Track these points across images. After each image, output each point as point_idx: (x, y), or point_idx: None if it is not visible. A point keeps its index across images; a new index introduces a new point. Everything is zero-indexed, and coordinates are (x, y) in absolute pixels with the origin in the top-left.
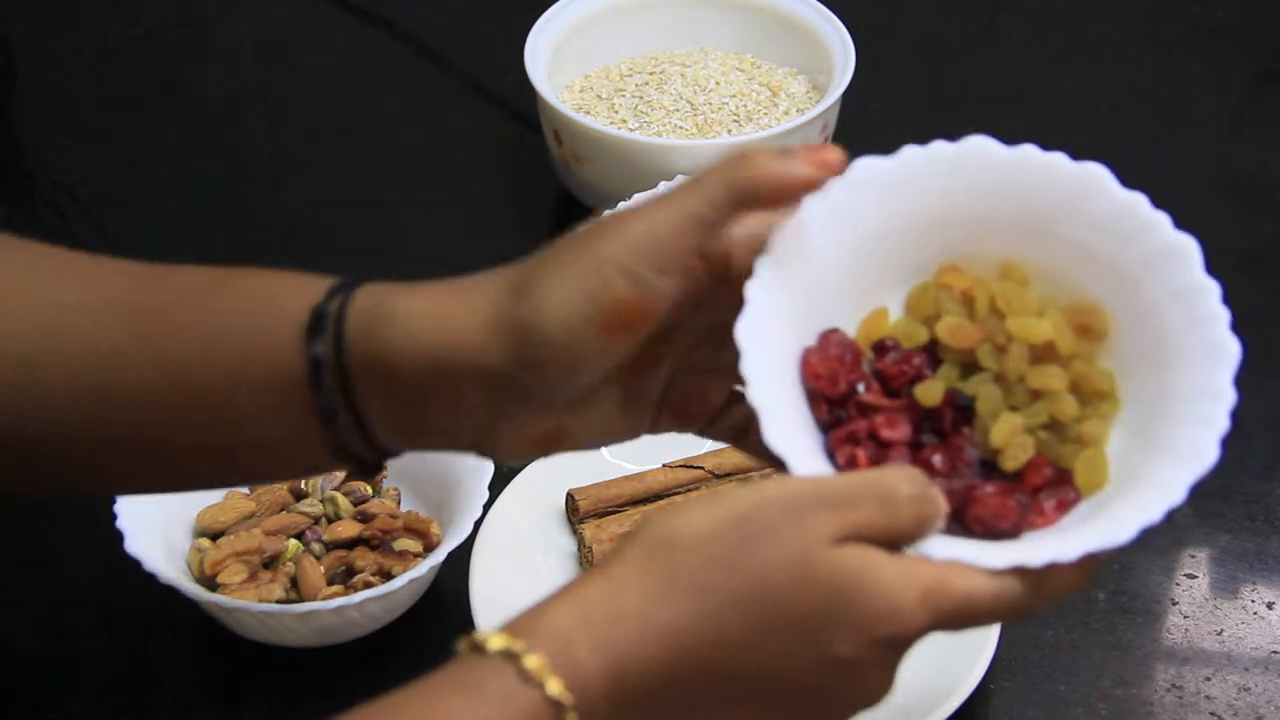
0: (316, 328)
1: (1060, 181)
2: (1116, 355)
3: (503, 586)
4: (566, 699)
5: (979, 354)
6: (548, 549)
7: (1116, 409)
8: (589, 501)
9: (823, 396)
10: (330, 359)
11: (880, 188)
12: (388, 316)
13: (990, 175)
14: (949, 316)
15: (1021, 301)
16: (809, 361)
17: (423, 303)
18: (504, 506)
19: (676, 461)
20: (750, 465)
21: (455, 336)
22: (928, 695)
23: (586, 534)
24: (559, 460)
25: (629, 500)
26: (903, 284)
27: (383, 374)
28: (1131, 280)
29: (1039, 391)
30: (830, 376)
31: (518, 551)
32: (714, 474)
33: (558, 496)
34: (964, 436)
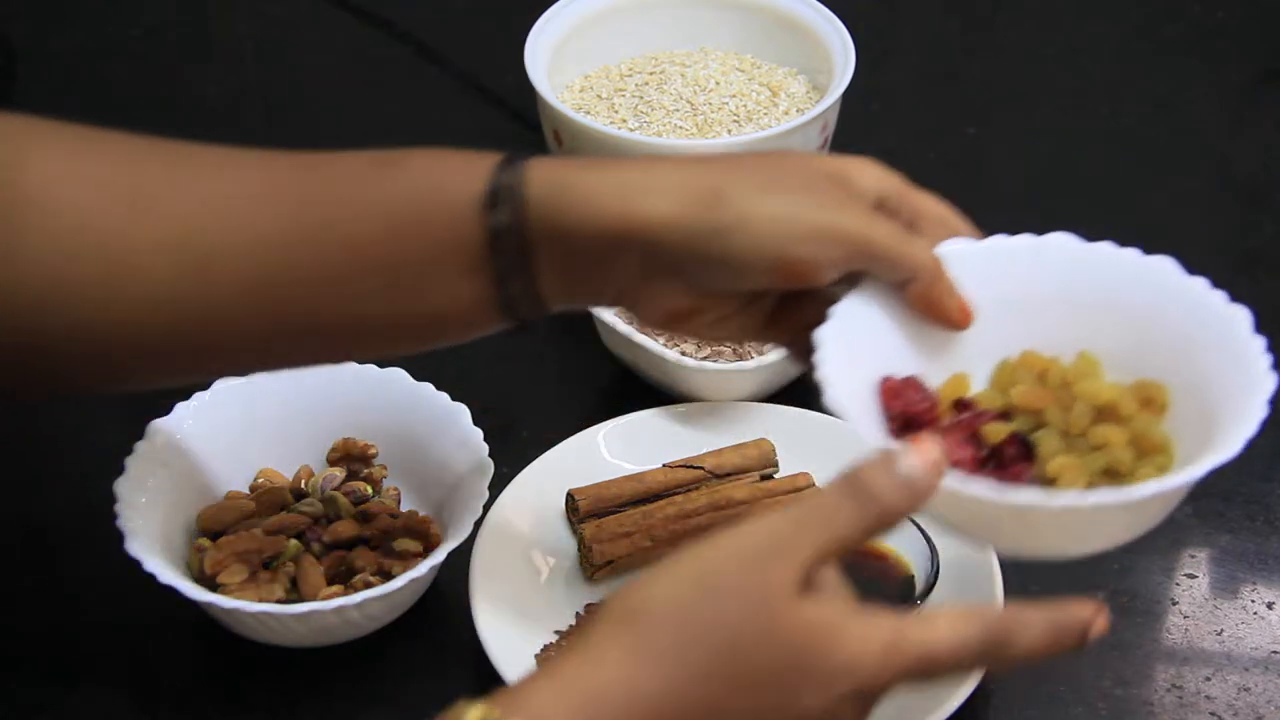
0: (495, 200)
1: (1130, 272)
2: (1172, 420)
3: (503, 587)
4: None
5: (1047, 414)
6: (548, 549)
7: (1171, 463)
8: (589, 501)
9: (897, 414)
10: (510, 227)
11: (969, 268)
12: (569, 187)
13: (1069, 266)
14: (1023, 384)
15: (1091, 373)
16: (889, 383)
17: (607, 175)
18: (504, 507)
19: (676, 462)
20: (750, 465)
21: (637, 215)
22: (927, 695)
23: (586, 533)
24: (558, 460)
25: (629, 500)
26: (982, 357)
27: (559, 241)
28: (1189, 356)
29: (1099, 445)
30: (906, 398)
31: (518, 552)
32: (713, 474)
33: (558, 496)
34: (1022, 468)
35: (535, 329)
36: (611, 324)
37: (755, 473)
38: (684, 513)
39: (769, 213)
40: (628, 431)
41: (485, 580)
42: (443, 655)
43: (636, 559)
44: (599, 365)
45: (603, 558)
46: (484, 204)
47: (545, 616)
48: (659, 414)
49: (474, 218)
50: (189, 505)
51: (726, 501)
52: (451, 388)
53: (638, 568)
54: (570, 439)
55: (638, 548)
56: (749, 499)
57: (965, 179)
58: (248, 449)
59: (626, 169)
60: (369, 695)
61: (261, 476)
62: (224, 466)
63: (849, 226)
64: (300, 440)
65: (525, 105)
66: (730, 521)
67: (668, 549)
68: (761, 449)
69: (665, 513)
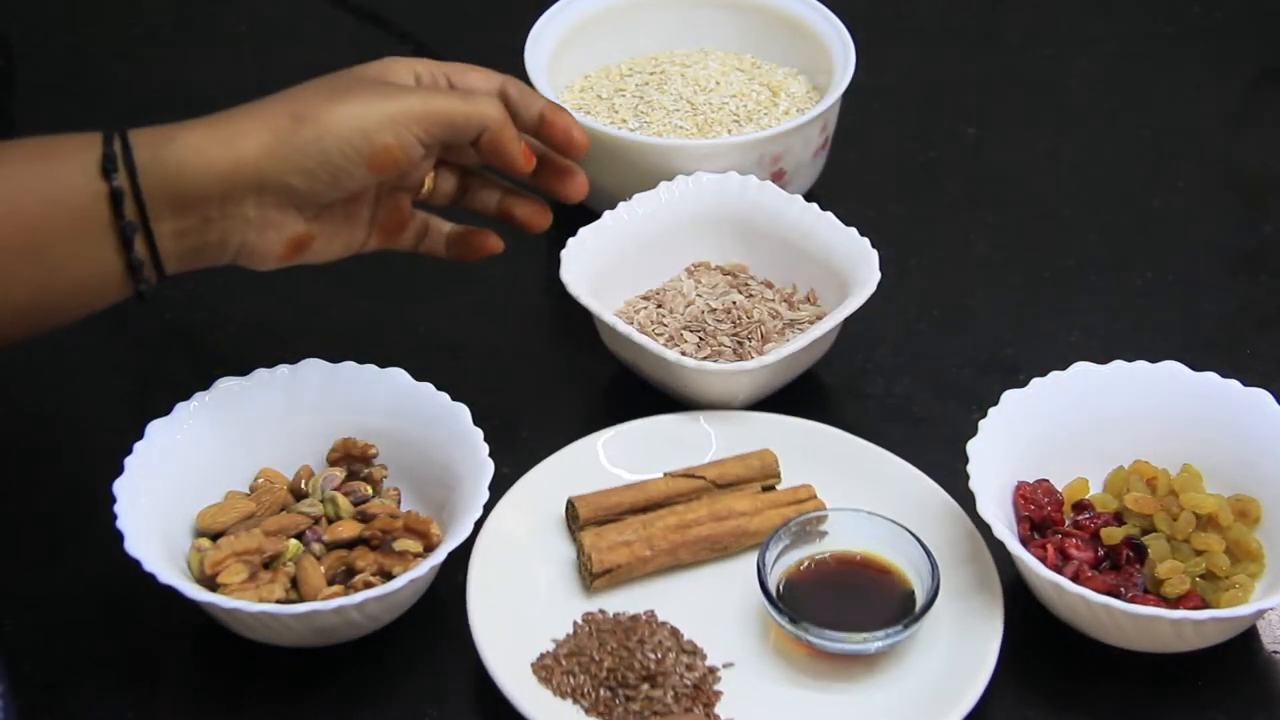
0: (110, 166)
1: (1230, 401)
2: (1264, 531)
3: (501, 594)
4: None
5: (1155, 519)
6: (547, 557)
7: (1262, 571)
8: (589, 509)
9: (1027, 517)
10: (127, 188)
11: (1092, 385)
12: (171, 142)
13: (1178, 389)
14: (1135, 492)
15: (1194, 485)
16: (1022, 488)
17: (204, 130)
18: (502, 514)
19: (678, 471)
20: (752, 476)
21: (238, 153)
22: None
23: (586, 541)
24: (559, 468)
25: (629, 509)
26: (1100, 463)
27: (175, 195)
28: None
29: (1200, 550)
30: (1038, 504)
31: (516, 559)
32: (715, 484)
33: (557, 504)
34: (1135, 569)
35: (158, 299)
36: (612, 324)
37: (757, 483)
38: (684, 522)
39: (346, 115)
40: (628, 439)
41: (482, 588)
42: (442, 655)
43: (635, 568)
44: (599, 366)
45: (601, 566)
46: (99, 171)
47: (542, 624)
48: (660, 422)
49: (92, 186)
50: (189, 505)
51: (727, 512)
52: (451, 388)
53: (636, 577)
54: (570, 446)
55: (637, 556)
56: (750, 510)
57: (965, 179)
58: (248, 449)
59: (220, 122)
60: (369, 695)
61: (261, 476)
62: (224, 466)
63: (414, 105)
64: (300, 440)
65: None
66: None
67: (667, 559)
68: (764, 460)
69: (665, 522)
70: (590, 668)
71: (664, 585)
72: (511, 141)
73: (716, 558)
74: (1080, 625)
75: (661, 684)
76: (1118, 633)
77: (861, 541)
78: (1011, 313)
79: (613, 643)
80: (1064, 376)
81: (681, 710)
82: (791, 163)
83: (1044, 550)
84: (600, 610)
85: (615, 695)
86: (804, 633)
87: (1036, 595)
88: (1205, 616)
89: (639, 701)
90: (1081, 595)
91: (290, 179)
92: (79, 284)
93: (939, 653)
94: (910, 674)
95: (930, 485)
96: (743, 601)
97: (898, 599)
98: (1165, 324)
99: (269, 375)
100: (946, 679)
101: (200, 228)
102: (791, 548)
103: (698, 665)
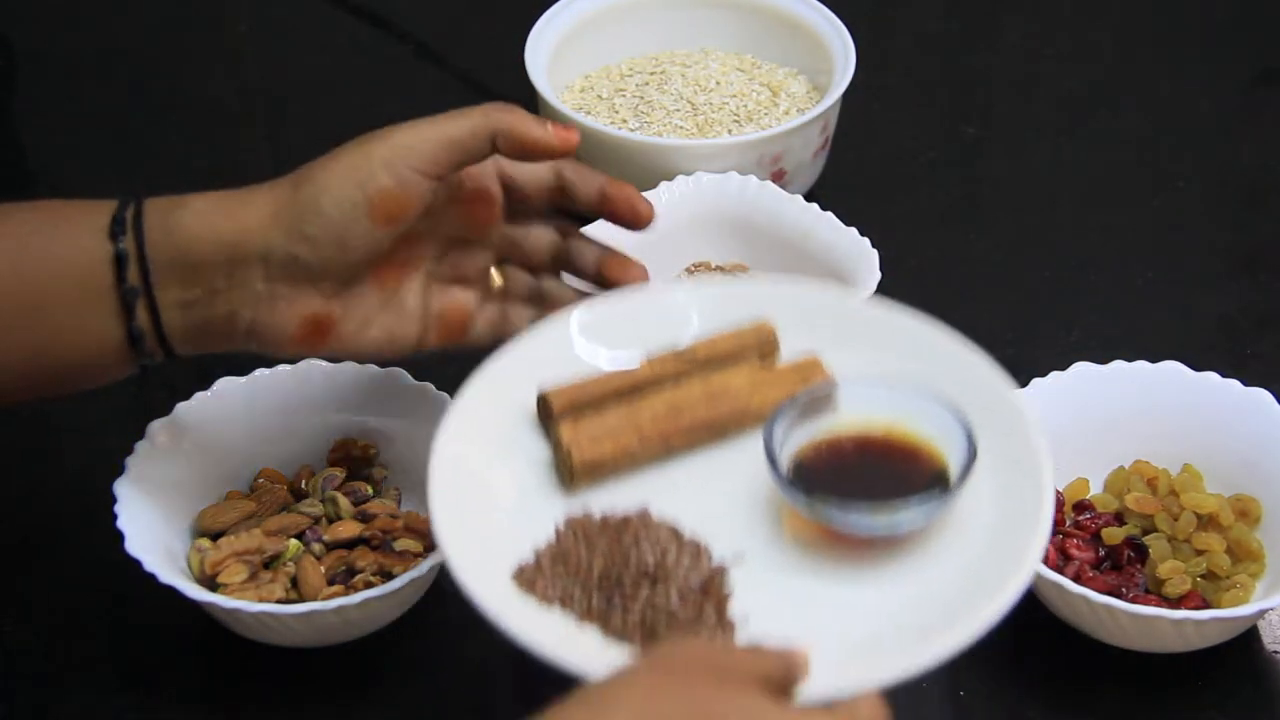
0: (118, 229)
1: (1230, 401)
2: (1264, 531)
3: (470, 508)
4: None
5: (1156, 520)
6: (517, 462)
7: (1263, 571)
8: (564, 402)
9: None
10: (132, 251)
11: (1093, 386)
12: (182, 209)
13: (1177, 391)
14: (1136, 492)
15: (1195, 485)
16: None
17: (213, 199)
18: (462, 417)
19: (664, 354)
20: (747, 350)
21: (243, 221)
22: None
23: (564, 434)
24: (522, 359)
25: (610, 396)
26: (1100, 464)
27: (178, 259)
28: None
29: (1201, 550)
30: None
31: (482, 467)
32: (708, 360)
33: (525, 400)
34: (1136, 569)
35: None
36: None
37: (754, 358)
38: (675, 406)
39: (340, 168)
40: (606, 320)
41: (447, 504)
42: (442, 655)
43: (622, 461)
44: None
45: (583, 461)
46: (107, 234)
47: (520, 535)
48: (641, 297)
49: (99, 249)
50: (189, 505)
51: (724, 390)
52: (452, 388)
53: (625, 472)
54: (535, 332)
55: (623, 448)
56: (749, 387)
57: (965, 179)
58: (248, 449)
59: (230, 192)
60: (369, 695)
61: (261, 476)
62: (224, 466)
63: (405, 139)
64: (300, 440)
65: (526, 105)
66: (729, 414)
67: (658, 448)
68: (760, 333)
69: (653, 407)
70: (579, 572)
71: (656, 479)
72: (533, 127)
73: (714, 444)
74: (1081, 625)
75: (663, 585)
76: (1119, 633)
77: (882, 415)
78: (1011, 313)
79: (603, 544)
80: (1064, 376)
81: (691, 614)
82: (791, 163)
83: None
84: (585, 512)
85: (610, 601)
86: (824, 513)
87: (1037, 595)
88: (1207, 616)
89: (639, 606)
90: (1083, 595)
91: (294, 247)
92: (79, 350)
93: (977, 537)
94: (945, 560)
95: (960, 348)
96: (748, 490)
97: (928, 477)
98: (1165, 324)
99: (269, 375)
100: (987, 565)
101: (207, 299)
102: (800, 426)
103: (703, 562)
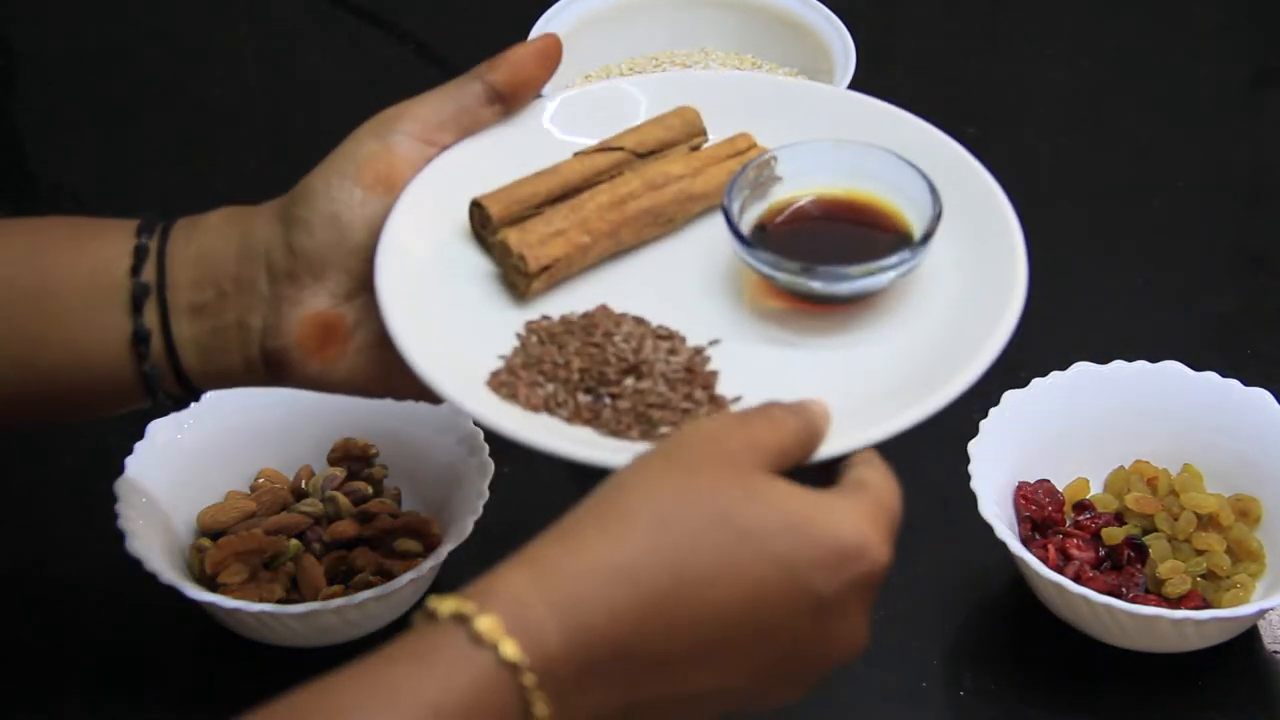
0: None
1: (1230, 401)
2: (1265, 531)
3: (426, 325)
4: (522, 660)
5: (1156, 520)
6: (460, 280)
7: (1263, 570)
8: (500, 206)
9: (1028, 518)
10: (153, 249)
11: (1092, 385)
12: (203, 219)
13: (1177, 391)
14: (1136, 492)
15: (1195, 485)
16: (1023, 488)
17: (229, 211)
18: (396, 232)
19: (589, 148)
20: (675, 138)
21: (249, 223)
22: (962, 335)
23: (511, 240)
24: (445, 173)
25: (546, 198)
26: (1100, 464)
27: (191, 259)
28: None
29: (1201, 550)
30: (1039, 504)
31: (427, 285)
32: (635, 153)
33: (456, 213)
34: (1136, 568)
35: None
36: None
37: (683, 145)
38: (618, 198)
39: (331, 155)
40: (523, 125)
41: (405, 326)
42: None
43: (575, 259)
44: None
45: (537, 263)
46: (134, 232)
47: (482, 348)
48: (555, 101)
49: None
50: (189, 505)
51: (664, 178)
52: None
53: (578, 269)
54: (453, 148)
55: (575, 245)
56: (689, 171)
57: None
58: (248, 449)
59: (242, 208)
60: None
61: (261, 476)
62: (224, 466)
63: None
64: (300, 440)
65: None
66: (674, 200)
67: (608, 243)
68: (684, 116)
69: (597, 201)
70: (558, 373)
71: (608, 275)
72: (524, 48)
73: (662, 233)
74: (1081, 625)
75: (647, 373)
76: (1119, 633)
77: (832, 178)
78: None
79: (574, 344)
80: (1064, 376)
81: (681, 397)
82: None
83: (1045, 550)
84: (544, 316)
85: (598, 397)
86: (796, 278)
87: (1037, 595)
88: (1207, 616)
89: (627, 398)
90: (1083, 595)
91: (291, 236)
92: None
93: (950, 293)
94: (921, 318)
95: (903, 115)
96: (706, 273)
97: (891, 234)
98: (1165, 324)
99: None
100: (967, 319)
101: (216, 305)
102: (753, 198)
103: (680, 348)
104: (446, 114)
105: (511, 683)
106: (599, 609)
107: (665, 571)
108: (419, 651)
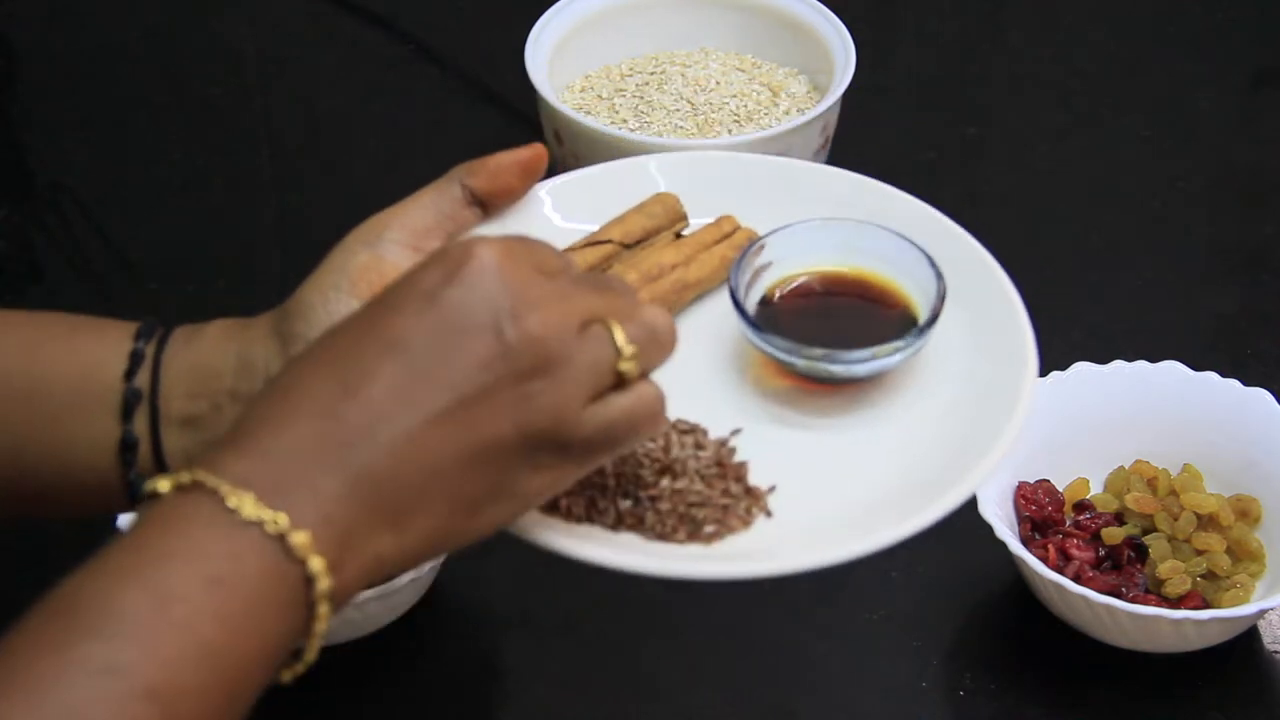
0: (143, 334)
1: (1231, 401)
2: (1265, 531)
3: None
4: (288, 525)
5: (1156, 519)
6: None
7: (1263, 570)
8: None
9: (1028, 518)
10: (149, 354)
11: (1091, 386)
12: (201, 329)
13: (1177, 391)
14: (1136, 492)
15: (1195, 485)
16: (1023, 488)
17: (227, 323)
18: None
19: (577, 243)
20: (660, 225)
21: (248, 338)
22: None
23: None
24: None
25: None
26: (1100, 464)
27: (187, 369)
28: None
29: (1201, 550)
30: (1039, 504)
31: None
32: (623, 245)
33: None
34: (1136, 569)
35: None
36: None
37: (667, 232)
38: None
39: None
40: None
41: None
42: (442, 655)
43: None
44: None
45: None
46: (132, 336)
47: None
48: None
49: (117, 347)
50: None
51: (658, 269)
52: None
53: None
54: None
55: None
56: (681, 259)
57: (965, 179)
58: None
59: (238, 320)
60: (369, 695)
61: None
62: None
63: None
64: None
65: (526, 105)
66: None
67: None
68: (665, 203)
69: None
70: (593, 479)
71: None
72: (505, 158)
73: None
74: (1081, 625)
75: (681, 472)
76: (1119, 633)
77: (824, 257)
78: None
79: None
80: (1064, 376)
81: (719, 494)
82: None
83: (1045, 550)
84: None
85: (637, 502)
86: (811, 361)
87: (1037, 595)
88: (1207, 616)
89: (666, 499)
90: (1083, 595)
91: (291, 352)
92: (69, 450)
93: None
94: (933, 397)
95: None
96: (710, 358)
97: (896, 313)
98: (1165, 324)
99: None
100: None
101: (211, 417)
102: (750, 286)
103: (705, 441)
104: (430, 220)
105: (281, 548)
106: (297, 432)
107: (319, 342)
108: (173, 524)
